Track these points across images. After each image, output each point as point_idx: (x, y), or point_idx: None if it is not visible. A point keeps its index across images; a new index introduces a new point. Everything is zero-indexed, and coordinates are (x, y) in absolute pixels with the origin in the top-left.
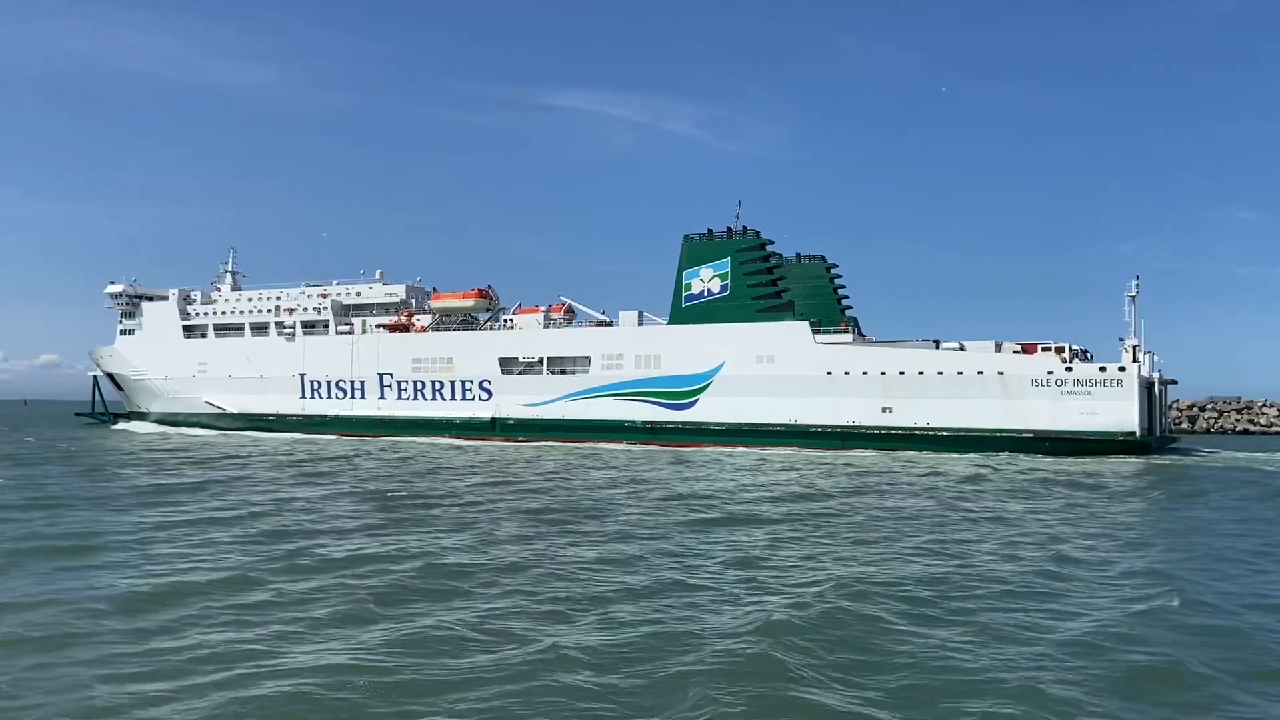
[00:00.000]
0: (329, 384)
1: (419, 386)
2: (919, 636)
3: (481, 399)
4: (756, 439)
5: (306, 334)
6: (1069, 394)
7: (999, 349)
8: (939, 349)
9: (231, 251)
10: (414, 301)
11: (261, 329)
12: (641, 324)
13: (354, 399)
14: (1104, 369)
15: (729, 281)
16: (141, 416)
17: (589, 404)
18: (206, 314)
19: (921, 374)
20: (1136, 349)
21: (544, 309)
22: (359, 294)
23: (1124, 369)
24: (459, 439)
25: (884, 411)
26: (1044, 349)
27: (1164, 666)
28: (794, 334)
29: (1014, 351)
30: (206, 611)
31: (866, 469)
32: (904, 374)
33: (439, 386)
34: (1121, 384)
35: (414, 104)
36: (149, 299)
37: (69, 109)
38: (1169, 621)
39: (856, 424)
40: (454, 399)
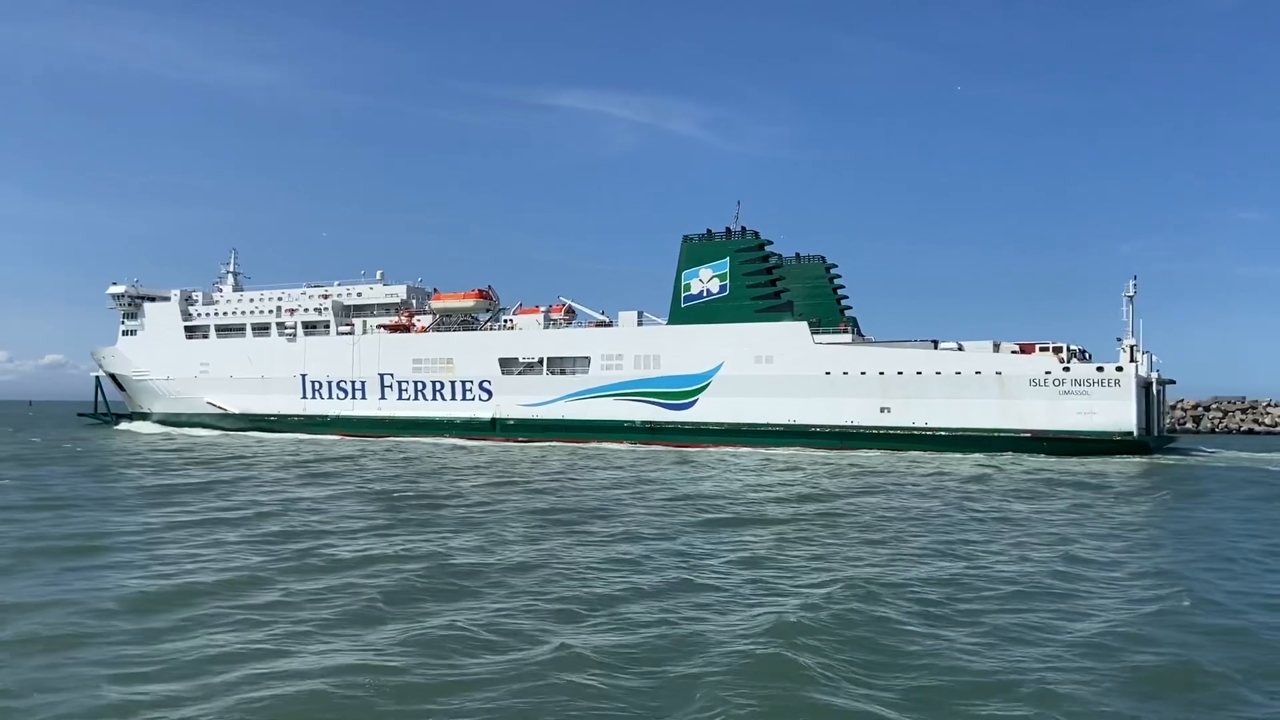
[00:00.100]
0: (330, 384)
1: (419, 387)
2: (931, 637)
3: (482, 399)
4: (755, 439)
5: (308, 334)
6: (1066, 394)
7: (997, 349)
8: (937, 349)
9: (233, 252)
10: (414, 302)
11: (263, 329)
12: (641, 324)
13: (355, 399)
14: (1101, 369)
15: (728, 282)
16: (144, 417)
17: (589, 404)
18: (208, 314)
19: (920, 374)
20: (1134, 349)
21: (544, 309)
22: (360, 294)
23: (1121, 369)
24: (460, 439)
25: (882, 411)
26: (1042, 349)
27: (1177, 666)
28: (793, 334)
29: (1012, 351)
30: (216, 612)
31: (871, 469)
32: (902, 374)
33: (439, 387)
34: (1119, 384)
35: (416, 104)
36: (151, 300)
37: (73, 110)
38: (1181, 622)
39: (855, 424)
40: (454, 399)
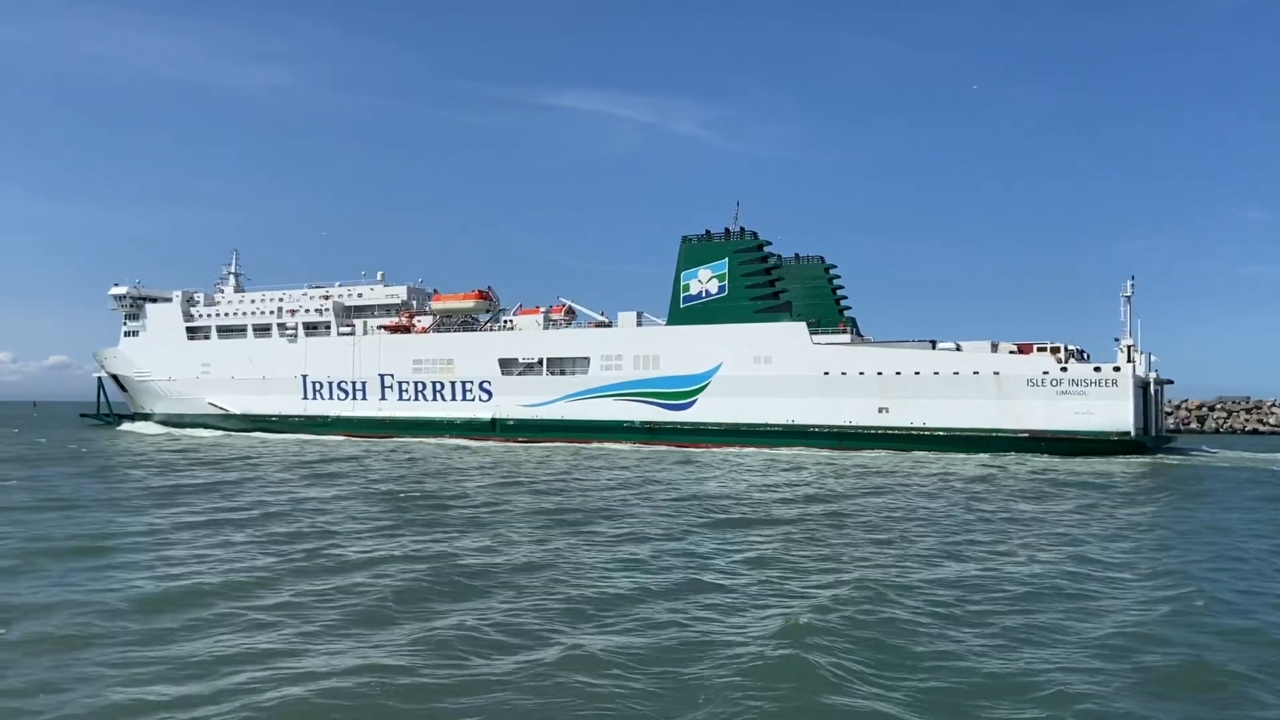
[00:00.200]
0: (331, 385)
1: (420, 387)
2: (942, 638)
3: (482, 400)
4: (754, 439)
5: (308, 335)
6: (1064, 394)
7: (995, 349)
8: (935, 349)
9: (235, 253)
10: (415, 303)
11: (264, 330)
12: (640, 325)
13: (355, 400)
14: (1099, 369)
15: (727, 282)
16: (145, 418)
17: (588, 404)
18: (210, 315)
19: (918, 374)
20: (1131, 349)
21: (544, 310)
22: (360, 295)
23: (1118, 369)
24: (463, 439)
25: (880, 412)
26: (1039, 349)
27: (1191, 667)
28: (791, 334)
29: (1010, 352)
30: (224, 613)
31: (875, 469)
32: (900, 374)
33: (439, 387)
34: (1116, 384)
35: (418, 105)
36: (153, 301)
37: (77, 111)
38: (1193, 622)
39: (853, 424)
40: (454, 400)
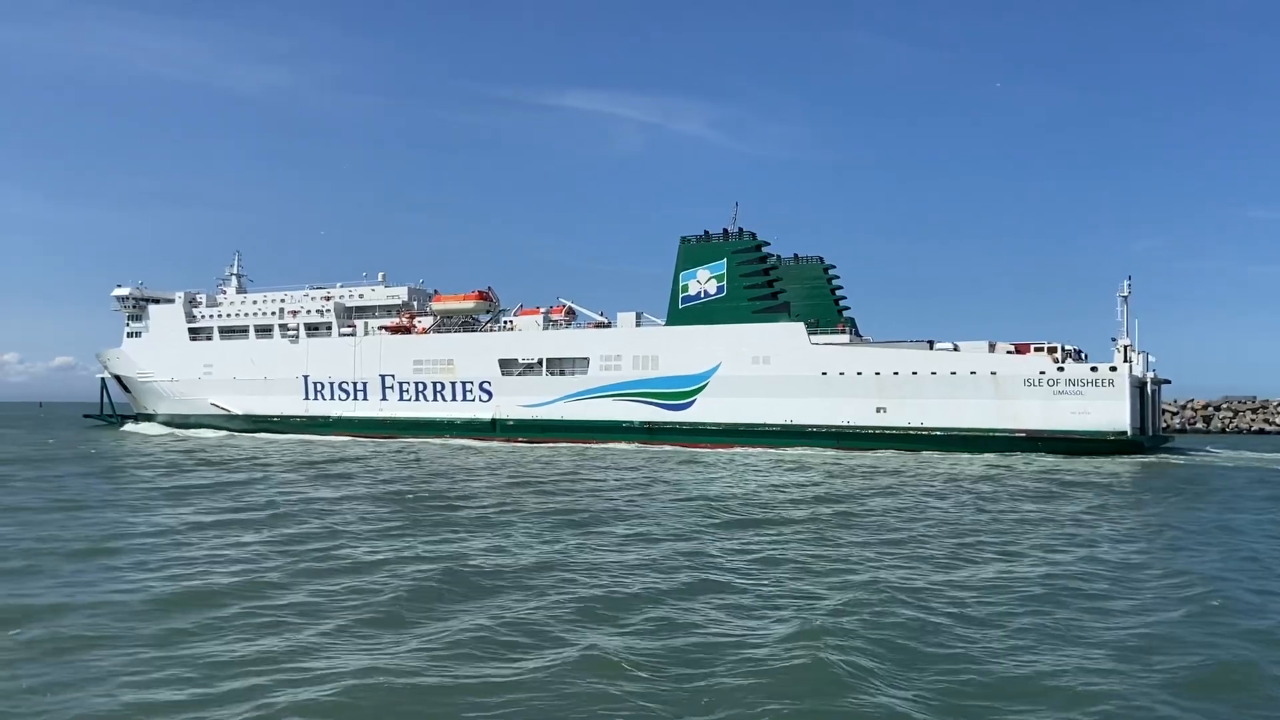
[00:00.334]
0: (332, 385)
1: (420, 388)
2: (961, 640)
3: (482, 400)
4: (753, 439)
5: (310, 336)
6: (1061, 394)
7: (992, 349)
8: (933, 349)
9: (237, 254)
10: (415, 304)
11: (265, 331)
12: (640, 325)
13: (356, 400)
14: (1095, 369)
15: (725, 283)
16: (149, 418)
17: (588, 405)
18: (212, 316)
19: (915, 374)
20: (1128, 349)
21: (544, 310)
22: (361, 296)
23: (1115, 369)
24: (465, 440)
25: (878, 411)
26: (1037, 349)
27: (1211, 667)
28: (789, 335)
29: (1008, 352)
30: (235, 614)
31: (880, 469)
32: (898, 374)
33: (440, 388)
34: (1113, 384)
35: (421, 105)
36: (155, 302)
37: (79, 112)
38: (1211, 622)
39: (852, 424)
40: (455, 400)
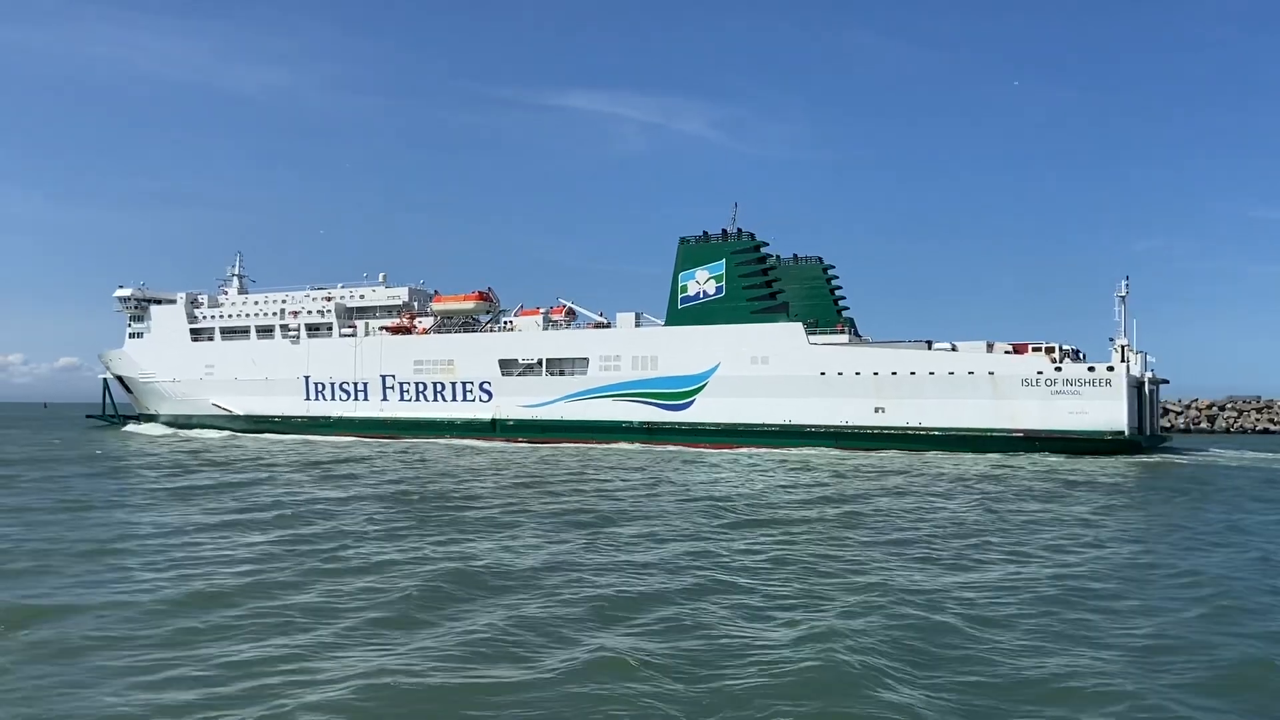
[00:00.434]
0: (333, 386)
1: (420, 388)
2: (976, 641)
3: (482, 400)
4: (752, 439)
5: (311, 337)
6: (1058, 394)
7: (990, 349)
8: (931, 349)
9: (238, 255)
10: (416, 304)
11: (267, 332)
12: (639, 325)
13: (357, 400)
14: (1093, 369)
15: (724, 283)
16: (151, 419)
17: (587, 405)
18: (213, 317)
19: (914, 374)
20: (1126, 349)
21: (544, 311)
22: (362, 297)
23: (1112, 369)
24: (465, 440)
25: (877, 412)
26: (1035, 349)
27: (1228, 667)
28: (788, 335)
29: (1005, 352)
30: (244, 615)
31: (885, 469)
32: (896, 374)
33: (440, 388)
34: (1110, 384)
35: (423, 105)
36: (157, 302)
37: (81, 112)
38: (1226, 622)
39: (850, 424)
40: (455, 400)
